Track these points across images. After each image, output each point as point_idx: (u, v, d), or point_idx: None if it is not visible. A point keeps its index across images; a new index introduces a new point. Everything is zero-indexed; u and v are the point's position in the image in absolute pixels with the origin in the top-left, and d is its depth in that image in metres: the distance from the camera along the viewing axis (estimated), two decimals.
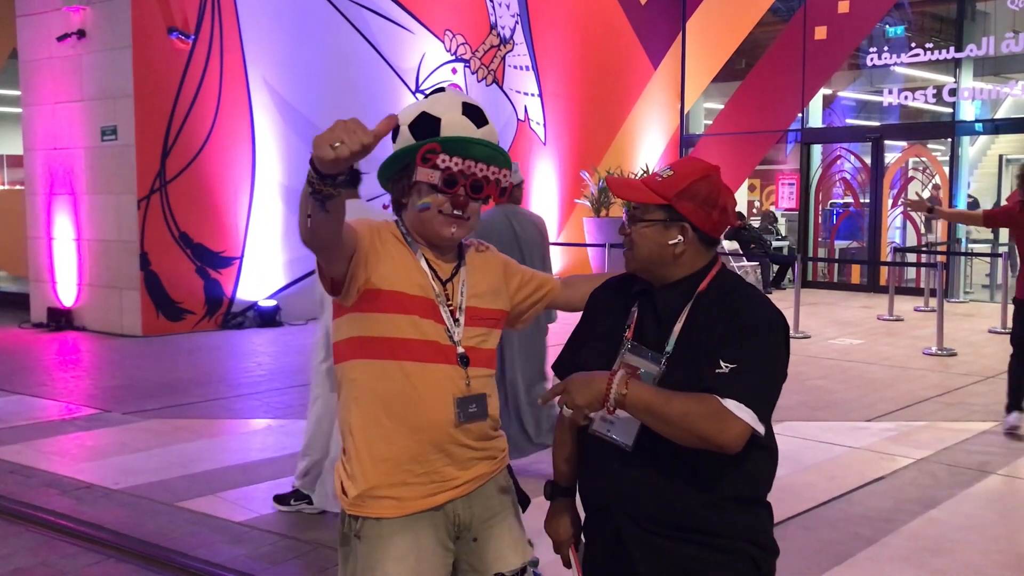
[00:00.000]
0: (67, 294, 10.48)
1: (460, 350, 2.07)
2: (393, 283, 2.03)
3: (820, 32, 14.81)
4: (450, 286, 2.11)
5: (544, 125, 14.21)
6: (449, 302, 2.09)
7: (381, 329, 2.03)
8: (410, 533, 2.03)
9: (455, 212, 2.05)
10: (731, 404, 1.83)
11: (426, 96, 2.15)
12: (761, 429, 1.87)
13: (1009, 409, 6.16)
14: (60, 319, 10.36)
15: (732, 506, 1.94)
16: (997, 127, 14.96)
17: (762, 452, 1.98)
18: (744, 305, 1.96)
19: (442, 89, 2.18)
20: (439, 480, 2.06)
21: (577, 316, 2.21)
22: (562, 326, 3.74)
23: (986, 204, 16.15)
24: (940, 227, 14.58)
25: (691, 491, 1.92)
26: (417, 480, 2.04)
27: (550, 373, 4.44)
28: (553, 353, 2.41)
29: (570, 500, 2.19)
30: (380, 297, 2.02)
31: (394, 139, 2.10)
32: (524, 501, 2.27)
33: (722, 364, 1.87)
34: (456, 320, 2.09)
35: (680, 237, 1.98)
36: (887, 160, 14.92)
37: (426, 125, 2.05)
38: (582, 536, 2.16)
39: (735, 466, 1.92)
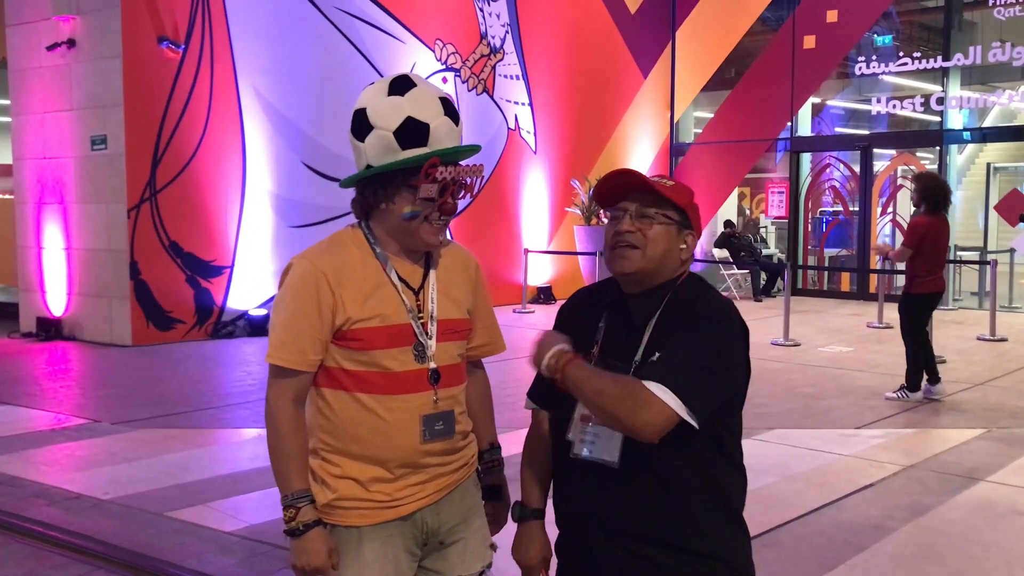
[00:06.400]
0: (57, 304, 10.44)
1: (432, 366, 2.05)
2: (364, 317, 2.00)
3: (809, 41, 14.88)
4: (422, 294, 2.08)
5: (535, 134, 14.24)
6: (421, 314, 2.06)
7: (353, 364, 2.02)
8: (378, 540, 2.04)
9: (442, 218, 2.03)
10: (653, 386, 1.77)
11: (392, 86, 2.03)
12: (688, 416, 1.77)
13: (917, 387, 7.27)
14: (50, 329, 10.32)
15: (707, 522, 1.92)
16: (985, 136, 15.06)
17: (733, 469, 1.97)
18: (692, 305, 1.93)
19: (407, 76, 2.05)
20: (407, 493, 2.06)
21: None
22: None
23: (978, 212, 16.26)
24: None
25: (667, 506, 1.90)
26: (385, 496, 2.04)
27: None
28: None
29: (540, 523, 2.13)
30: (352, 335, 2.01)
31: (358, 133, 2.03)
32: (495, 494, 2.26)
33: (656, 355, 1.84)
34: (428, 334, 2.06)
35: (685, 245, 1.97)
36: (876, 168, 15.00)
37: (414, 132, 1.98)
38: (554, 557, 2.11)
39: (711, 483, 1.91)
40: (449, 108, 2.03)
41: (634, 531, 1.91)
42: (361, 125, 2.02)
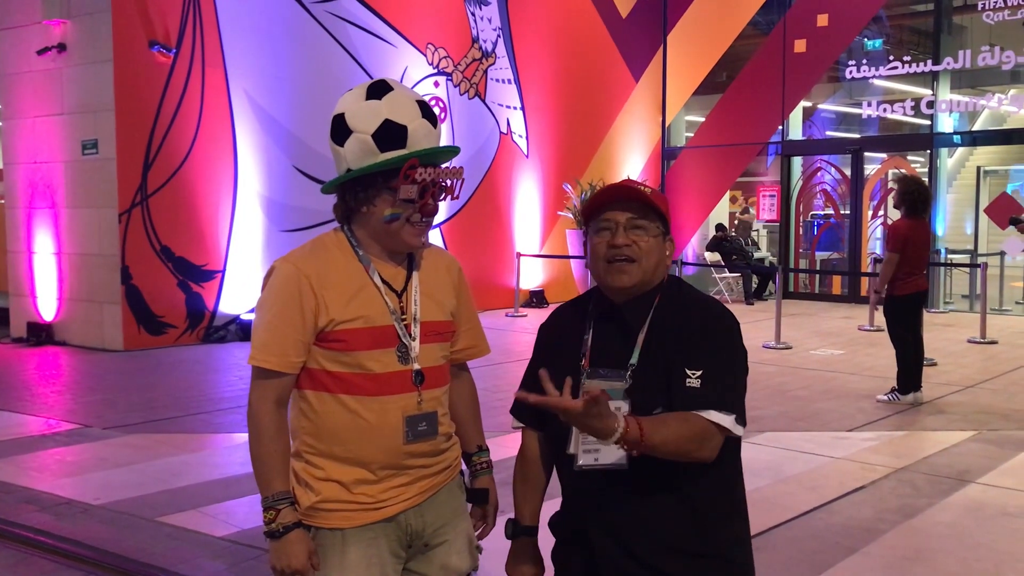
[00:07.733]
0: (47, 308, 10.41)
1: (416, 367, 2.06)
2: (347, 319, 2.01)
3: (799, 45, 14.94)
4: (405, 296, 2.08)
5: (527, 138, 14.25)
6: (404, 316, 2.07)
7: (336, 366, 2.02)
8: (363, 543, 2.04)
9: (423, 220, 2.04)
10: (713, 416, 1.82)
11: (370, 91, 2.05)
12: (741, 431, 1.86)
13: (908, 390, 7.29)
14: (40, 334, 10.29)
15: (714, 518, 1.92)
16: (975, 139, 15.13)
17: (733, 456, 1.99)
18: (694, 310, 1.95)
19: (384, 81, 2.07)
20: (390, 495, 2.06)
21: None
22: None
23: (967, 214, 16.32)
24: None
25: (676, 505, 1.90)
26: (368, 497, 2.04)
27: None
28: None
29: (532, 540, 2.13)
30: (336, 336, 2.01)
31: (337, 138, 2.03)
32: (480, 497, 2.26)
33: (689, 374, 1.85)
34: (412, 335, 2.06)
35: (668, 252, 2.00)
36: (867, 172, 15.05)
37: (392, 135, 1.99)
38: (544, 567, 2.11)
39: (718, 477, 1.92)
40: (427, 111, 2.05)
41: (642, 532, 1.90)
42: (340, 130, 2.03)
